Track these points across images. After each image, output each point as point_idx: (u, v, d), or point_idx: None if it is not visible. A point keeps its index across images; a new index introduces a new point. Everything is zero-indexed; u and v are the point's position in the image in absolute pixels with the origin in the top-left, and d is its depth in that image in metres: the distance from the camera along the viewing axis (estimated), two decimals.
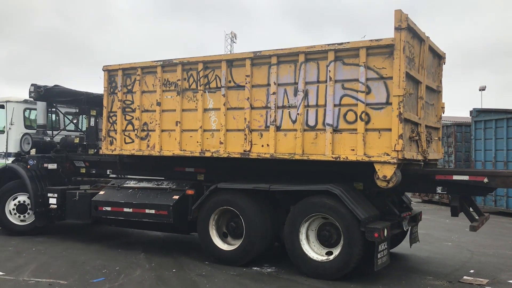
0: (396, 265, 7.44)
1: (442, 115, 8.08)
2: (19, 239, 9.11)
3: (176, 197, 7.81)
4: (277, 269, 7.04)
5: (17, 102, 10.29)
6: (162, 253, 8.06)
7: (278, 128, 6.94)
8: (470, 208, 7.10)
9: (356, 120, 6.35)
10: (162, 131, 7.97)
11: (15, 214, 9.66)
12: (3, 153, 10.19)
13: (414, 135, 6.58)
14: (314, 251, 6.68)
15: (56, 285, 6.19)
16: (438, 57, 7.86)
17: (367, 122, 6.28)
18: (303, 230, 6.70)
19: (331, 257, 6.50)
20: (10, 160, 10.08)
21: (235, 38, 43.65)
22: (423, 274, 6.94)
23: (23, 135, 10.06)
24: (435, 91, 7.80)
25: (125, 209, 8.13)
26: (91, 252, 8.16)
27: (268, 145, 6.99)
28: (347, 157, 6.37)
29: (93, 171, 9.77)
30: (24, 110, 10.37)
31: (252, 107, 7.15)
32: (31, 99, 9.97)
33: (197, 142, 7.57)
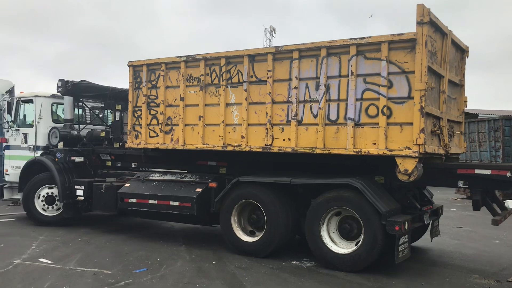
0: (439, 262, 7.41)
1: (465, 108, 8.07)
2: (65, 230, 9.44)
3: (199, 189, 7.99)
4: (317, 264, 6.98)
5: (45, 96, 10.61)
6: (202, 245, 8.20)
7: (299, 123, 7.02)
8: (494, 203, 7.09)
9: (377, 114, 6.39)
10: (186, 125, 8.13)
11: (43, 205, 10.01)
12: (32, 146, 10.53)
13: (435, 129, 6.59)
14: (334, 243, 6.77)
15: (101, 275, 6.36)
16: (461, 51, 7.81)
17: (388, 116, 6.32)
18: (324, 223, 6.80)
19: (351, 250, 6.58)
20: (38, 153, 10.41)
21: (274, 32, 43.57)
22: (468, 272, 6.82)
23: (51, 129, 10.37)
24: (458, 85, 7.76)
25: (150, 201, 8.35)
26: (134, 243, 8.38)
27: (289, 139, 7.08)
28: (368, 151, 6.43)
29: (119, 164, 10.04)
30: (52, 105, 10.69)
31: (273, 102, 7.24)
32: (59, 94, 10.27)
33: (220, 136, 7.71)
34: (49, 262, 6.99)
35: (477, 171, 6.37)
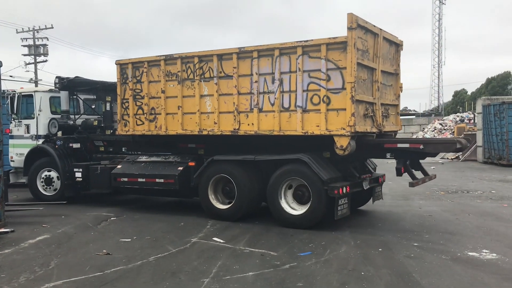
0: None
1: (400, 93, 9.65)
2: None
3: (181, 168, 9.55)
4: (500, 256, 6.43)
5: (43, 91, 12.00)
6: (367, 231, 8.09)
7: (260, 110, 8.56)
8: (419, 170, 8.75)
9: (319, 102, 7.95)
10: (167, 114, 9.62)
11: (43, 185, 11.45)
12: (34, 136, 11.95)
13: (368, 112, 8.18)
14: (290, 207, 8.38)
15: (267, 256, 6.53)
16: (396, 45, 9.35)
17: (328, 104, 7.88)
18: (281, 191, 8.40)
19: (303, 211, 8.21)
20: (40, 141, 11.83)
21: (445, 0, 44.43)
22: None
23: (50, 120, 11.79)
24: (393, 74, 9.33)
25: (139, 179, 9.90)
26: None
27: (253, 124, 8.63)
28: (313, 132, 8.02)
29: (111, 149, 11.51)
30: (50, 98, 12.07)
31: (239, 93, 8.75)
32: (56, 89, 11.66)
33: (196, 122, 9.22)
34: (221, 241, 7.41)
35: (399, 145, 8.01)
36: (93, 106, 12.56)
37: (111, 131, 11.54)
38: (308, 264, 6.14)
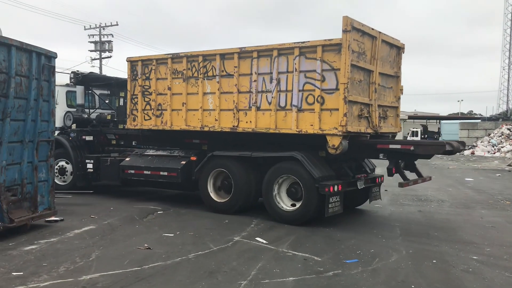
0: None
1: (401, 95, 9.76)
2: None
3: (183, 162, 9.93)
4: None
5: (60, 86, 12.57)
6: (421, 239, 7.57)
7: (258, 108, 8.84)
8: (413, 171, 8.87)
9: (314, 102, 8.17)
10: (172, 110, 10.01)
11: (56, 175, 12.01)
12: None
13: (363, 113, 8.35)
14: (283, 203, 8.64)
15: (311, 261, 6.19)
16: (397, 48, 9.47)
17: (322, 104, 8.10)
18: (276, 187, 8.66)
19: (295, 208, 8.45)
20: (55, 133, 12.41)
21: None
22: None
23: (65, 113, 12.37)
24: (393, 76, 9.46)
25: (145, 172, 10.34)
26: (347, 230, 8.09)
27: (250, 121, 8.92)
28: (307, 131, 8.25)
29: (122, 142, 11.99)
30: (66, 92, 12.66)
31: (239, 92, 9.06)
32: (72, 83, 12.23)
33: (198, 119, 9.58)
34: (264, 242, 7.16)
35: (391, 146, 8.14)
36: (106, 101, 13.07)
37: (123, 125, 12.01)
38: (354, 273, 5.74)
